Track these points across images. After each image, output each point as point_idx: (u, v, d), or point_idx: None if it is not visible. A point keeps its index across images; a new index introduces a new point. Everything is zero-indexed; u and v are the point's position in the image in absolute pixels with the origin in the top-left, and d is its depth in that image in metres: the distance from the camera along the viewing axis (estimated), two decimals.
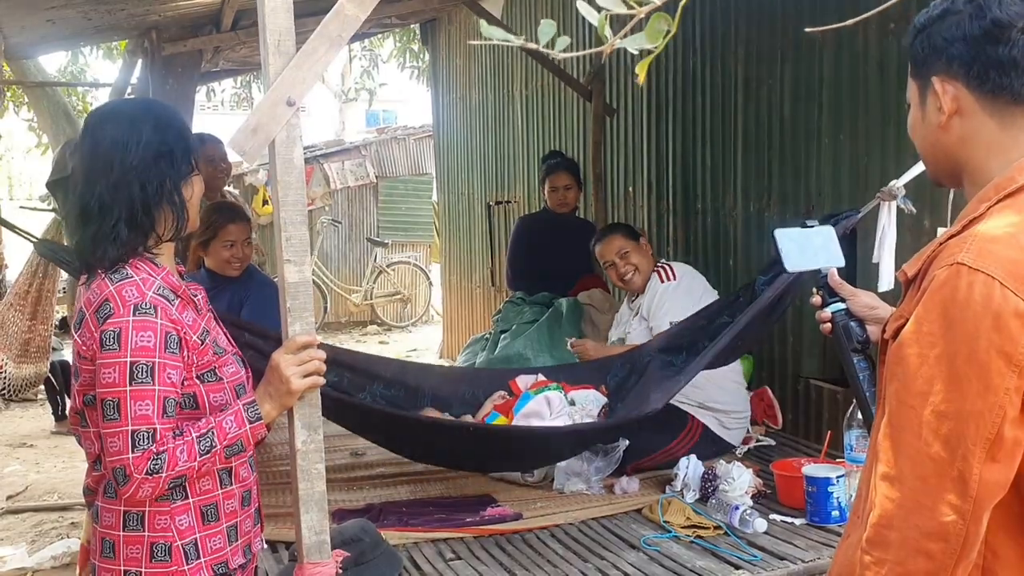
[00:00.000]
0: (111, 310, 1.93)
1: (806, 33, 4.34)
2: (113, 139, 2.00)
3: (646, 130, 5.81)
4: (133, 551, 2.01)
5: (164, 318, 1.95)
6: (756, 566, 2.99)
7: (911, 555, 1.30)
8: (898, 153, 3.88)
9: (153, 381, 1.91)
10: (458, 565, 3.13)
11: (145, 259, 2.02)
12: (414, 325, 13.35)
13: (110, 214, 1.98)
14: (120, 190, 1.98)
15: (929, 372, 1.29)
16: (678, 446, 3.87)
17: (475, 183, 8.62)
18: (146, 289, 1.96)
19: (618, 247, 4.36)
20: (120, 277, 1.97)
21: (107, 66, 12.26)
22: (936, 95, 1.42)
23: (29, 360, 6.98)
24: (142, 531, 2.00)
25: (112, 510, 2.02)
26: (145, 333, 1.92)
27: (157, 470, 1.89)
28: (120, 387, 1.90)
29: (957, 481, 1.27)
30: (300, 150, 2.03)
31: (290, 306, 2.04)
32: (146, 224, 2.01)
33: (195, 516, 2.03)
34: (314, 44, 1.99)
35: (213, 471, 2.02)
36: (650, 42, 1.11)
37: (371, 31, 8.41)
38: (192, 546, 2.02)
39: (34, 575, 5.14)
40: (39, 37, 4.41)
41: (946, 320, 1.29)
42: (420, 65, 13.83)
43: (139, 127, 2.01)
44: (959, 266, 1.29)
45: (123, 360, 1.90)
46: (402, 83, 16.12)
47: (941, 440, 1.28)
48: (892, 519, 1.32)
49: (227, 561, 2.06)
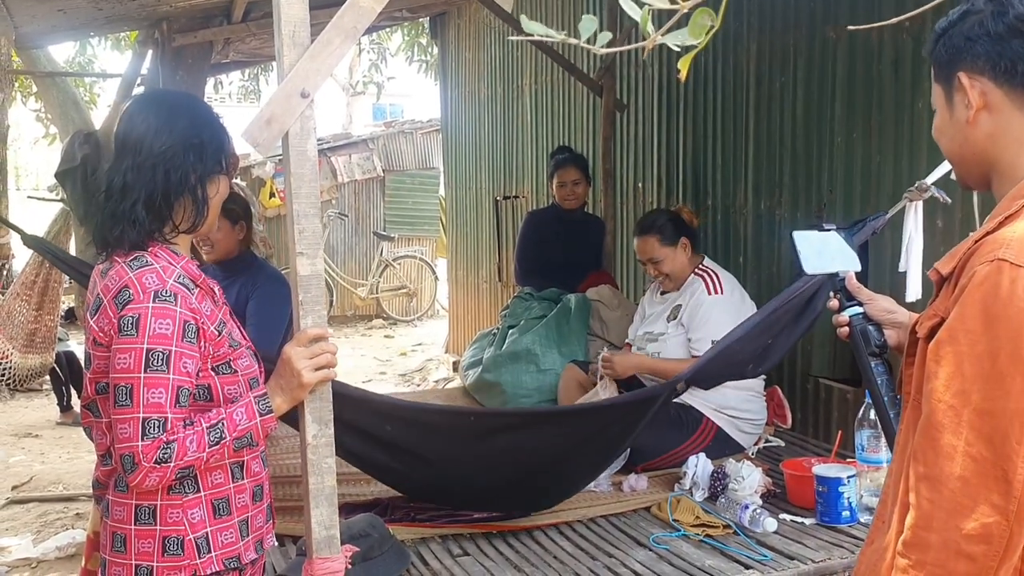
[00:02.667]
0: (131, 296, 1.92)
1: (820, 31, 4.34)
2: (148, 123, 2.01)
3: (657, 126, 5.78)
4: (145, 545, 1.99)
5: (184, 306, 1.94)
6: (766, 566, 2.97)
7: (951, 557, 1.28)
8: (911, 152, 3.86)
9: (168, 370, 1.90)
10: (466, 561, 3.11)
11: (165, 247, 2.02)
12: (420, 320, 13.35)
13: (130, 195, 1.99)
14: (143, 173, 1.99)
15: (970, 370, 1.28)
16: (691, 446, 3.82)
17: (483, 178, 8.60)
18: (167, 277, 1.95)
19: (649, 252, 4.13)
20: (140, 264, 1.97)
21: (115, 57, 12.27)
22: (964, 91, 1.42)
23: (35, 350, 7.00)
24: (154, 525, 1.99)
25: (123, 504, 2.00)
26: (164, 320, 1.91)
27: (166, 459, 1.87)
28: (135, 373, 1.89)
29: (1000, 481, 1.25)
30: (314, 142, 2.01)
31: (302, 299, 2.02)
32: (164, 211, 2.01)
33: (207, 510, 2.01)
34: (329, 35, 1.97)
35: (225, 465, 2.02)
36: (693, 38, 1.09)
37: (381, 24, 8.40)
38: (204, 540, 2.00)
39: (39, 566, 5.14)
40: (49, 27, 4.40)
41: (987, 317, 1.27)
42: (428, 59, 13.82)
43: (176, 116, 2.02)
44: (1000, 262, 1.28)
45: (140, 346, 1.89)
46: (410, 77, 16.10)
47: (984, 439, 1.26)
48: (931, 521, 1.29)
49: (239, 556, 2.05)
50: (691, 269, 4.13)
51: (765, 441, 4.17)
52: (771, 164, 4.73)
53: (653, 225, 4.18)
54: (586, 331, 5.08)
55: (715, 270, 4.14)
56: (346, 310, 13.33)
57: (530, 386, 4.84)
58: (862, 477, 3.25)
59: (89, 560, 3.67)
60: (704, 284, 4.06)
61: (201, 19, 4.62)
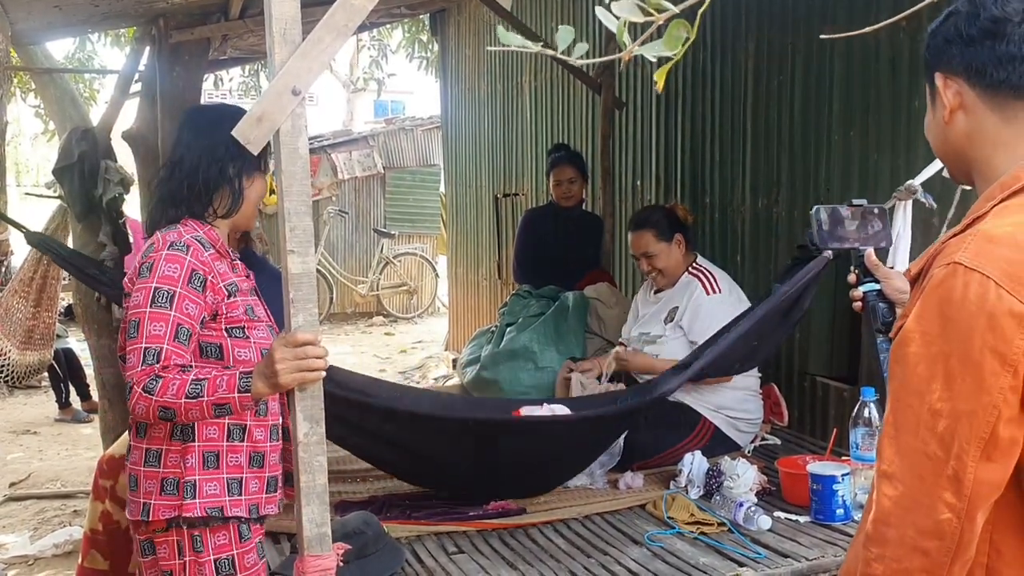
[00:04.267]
0: (153, 248, 2.25)
1: (817, 29, 4.33)
2: (198, 127, 2.42)
3: (655, 124, 5.78)
4: (149, 484, 2.27)
5: (194, 257, 2.22)
6: (760, 563, 2.97)
7: (908, 552, 1.31)
8: (908, 151, 3.85)
9: (171, 307, 2.15)
10: (461, 559, 3.11)
11: (196, 221, 2.35)
12: (420, 317, 13.35)
13: (178, 181, 2.36)
14: (190, 163, 2.36)
15: (926, 371, 1.30)
16: (688, 446, 3.80)
17: (483, 175, 8.60)
18: (184, 232, 2.28)
19: (643, 246, 4.12)
20: (168, 228, 2.31)
21: (115, 53, 12.26)
22: (940, 92, 1.45)
23: (33, 347, 7.00)
24: (158, 467, 2.27)
25: (138, 447, 2.30)
26: (172, 265, 2.20)
27: (150, 390, 2.09)
28: (142, 308, 2.16)
29: (952, 480, 1.28)
30: (305, 140, 2.01)
31: (293, 297, 2.02)
32: (204, 197, 2.35)
33: (198, 459, 2.25)
34: (320, 33, 1.97)
35: (222, 423, 2.26)
36: (668, 49, 1.10)
37: (381, 21, 8.38)
38: (191, 485, 2.24)
39: (36, 563, 5.14)
40: (46, 23, 4.39)
41: (942, 319, 1.30)
42: (429, 56, 13.80)
43: (225, 120, 2.32)
44: (955, 265, 1.30)
45: (149, 285, 2.18)
46: (410, 74, 16.08)
47: (937, 439, 1.29)
48: (890, 516, 1.33)
49: (223, 507, 2.27)
50: (684, 267, 4.13)
51: (761, 439, 4.16)
52: (768, 162, 4.73)
53: (648, 220, 4.19)
54: (584, 329, 5.07)
55: (710, 269, 4.13)
56: (346, 307, 13.33)
57: (528, 384, 4.84)
58: (857, 475, 3.25)
59: (86, 557, 3.67)
60: (701, 284, 4.04)
61: (198, 15, 4.61)
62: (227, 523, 2.29)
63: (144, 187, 5.03)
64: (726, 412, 3.98)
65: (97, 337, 5.22)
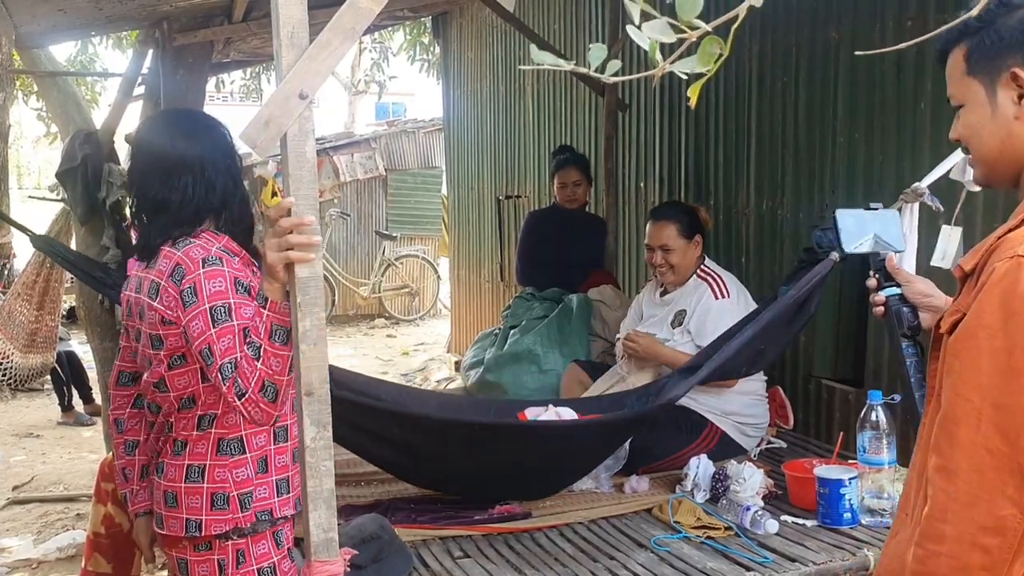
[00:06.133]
0: (184, 270, 2.19)
1: (822, 31, 4.32)
2: (188, 141, 2.32)
3: (659, 126, 5.77)
4: (193, 501, 2.28)
5: (229, 267, 2.20)
6: (767, 568, 2.96)
7: (967, 549, 1.29)
8: (913, 153, 3.84)
9: (231, 317, 2.14)
10: (466, 563, 3.10)
11: (207, 232, 2.31)
12: (422, 319, 13.34)
13: (195, 204, 2.29)
14: (205, 185, 2.30)
15: (988, 365, 1.29)
16: (695, 450, 3.79)
17: (485, 177, 8.59)
18: (209, 247, 2.24)
19: (664, 239, 4.05)
20: (184, 244, 2.24)
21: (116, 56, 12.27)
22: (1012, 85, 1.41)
23: (36, 350, 7.00)
24: (202, 483, 2.28)
25: (176, 465, 2.30)
26: (216, 280, 2.17)
27: (240, 393, 2.07)
28: (207, 331, 2.13)
29: (1015, 474, 1.27)
30: (312, 144, 2.00)
31: (300, 301, 2.00)
32: (217, 211, 2.33)
33: (252, 469, 2.30)
34: (327, 36, 1.95)
35: (269, 429, 2.30)
36: (702, 66, 1.08)
37: (383, 23, 8.38)
38: (247, 496, 2.29)
39: (39, 566, 5.13)
40: (50, 26, 4.38)
41: (1005, 312, 1.29)
42: (430, 58, 13.80)
43: (212, 130, 2.33)
44: (1019, 258, 1.29)
45: (203, 308, 2.14)
46: (412, 76, 16.08)
47: (1000, 433, 1.28)
48: (947, 512, 1.31)
49: (272, 509, 2.31)
50: (694, 269, 4.10)
51: (767, 442, 4.15)
52: (773, 164, 4.72)
53: (674, 213, 4.15)
54: (588, 331, 5.07)
55: (718, 273, 4.10)
56: (348, 309, 13.32)
57: (531, 386, 4.83)
58: (864, 479, 3.24)
59: (89, 561, 3.66)
60: (710, 289, 4.01)
61: (202, 18, 4.61)
62: (275, 524, 2.33)
63: None
64: (734, 417, 3.96)
65: (100, 340, 5.21)
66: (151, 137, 2.42)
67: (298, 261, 1.96)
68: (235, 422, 2.32)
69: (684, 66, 1.09)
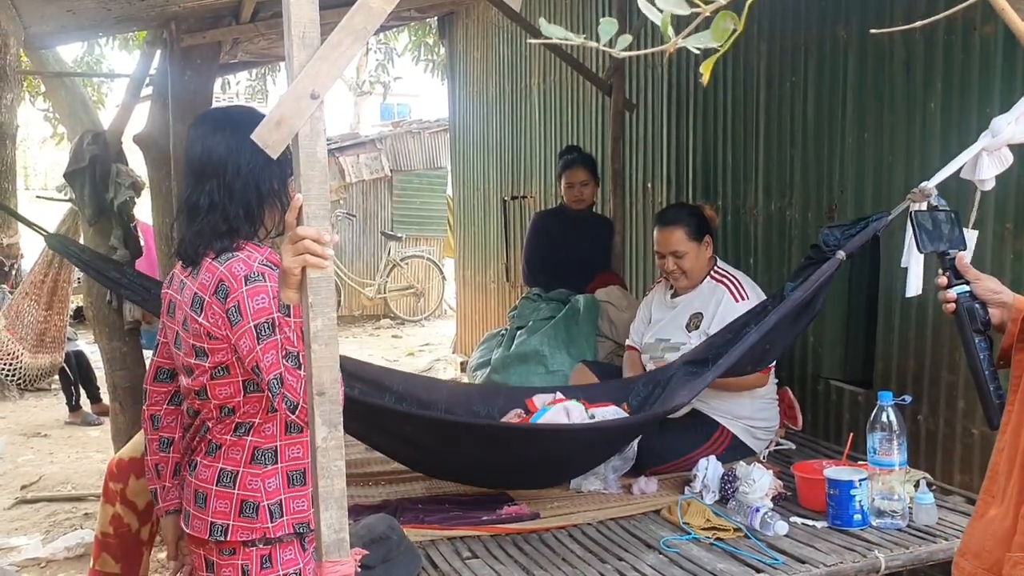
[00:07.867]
0: (228, 288, 2.21)
1: (830, 30, 4.31)
2: (227, 144, 2.29)
3: (666, 126, 5.76)
4: (222, 505, 2.29)
5: (271, 281, 2.19)
6: (777, 569, 2.95)
7: None
8: (923, 153, 3.83)
9: (274, 333, 2.15)
10: (475, 564, 3.10)
11: (249, 243, 2.30)
12: (427, 320, 13.35)
13: (221, 211, 2.28)
14: (235, 190, 2.28)
15: None
16: (704, 452, 3.77)
17: (491, 178, 8.59)
18: (251, 262, 2.24)
19: (674, 244, 3.98)
20: (226, 258, 2.25)
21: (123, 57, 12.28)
22: None
23: (44, 350, 7.00)
24: (233, 489, 2.29)
25: (210, 467, 2.32)
26: (258, 297, 2.18)
27: (292, 407, 2.10)
28: (254, 348, 2.15)
29: None
30: (323, 144, 1.99)
31: (312, 301, 2.00)
32: (257, 220, 2.32)
33: (283, 480, 2.30)
34: (339, 36, 1.95)
35: (304, 441, 2.30)
36: (716, 41, 1.07)
37: (389, 24, 8.38)
38: (277, 506, 2.29)
39: (48, 565, 5.14)
40: (58, 27, 4.38)
41: None
42: (435, 59, 13.81)
43: (248, 131, 2.20)
44: None
45: (248, 326, 2.16)
46: (417, 77, 16.09)
47: None
48: None
49: (310, 522, 2.30)
50: (707, 271, 4.05)
51: (776, 444, 4.14)
52: (781, 165, 4.71)
53: (681, 217, 4.06)
54: (595, 332, 5.06)
55: (734, 274, 4.04)
56: (354, 310, 13.34)
57: (538, 387, 4.82)
58: (874, 480, 3.23)
59: (97, 560, 3.66)
60: (728, 291, 3.94)
61: (210, 19, 4.61)
62: (311, 534, 2.32)
63: (155, 191, 5.04)
64: (745, 421, 3.95)
65: (108, 340, 5.22)
66: (191, 134, 2.40)
67: (314, 267, 1.96)
68: (271, 432, 2.33)
69: (697, 41, 1.08)
